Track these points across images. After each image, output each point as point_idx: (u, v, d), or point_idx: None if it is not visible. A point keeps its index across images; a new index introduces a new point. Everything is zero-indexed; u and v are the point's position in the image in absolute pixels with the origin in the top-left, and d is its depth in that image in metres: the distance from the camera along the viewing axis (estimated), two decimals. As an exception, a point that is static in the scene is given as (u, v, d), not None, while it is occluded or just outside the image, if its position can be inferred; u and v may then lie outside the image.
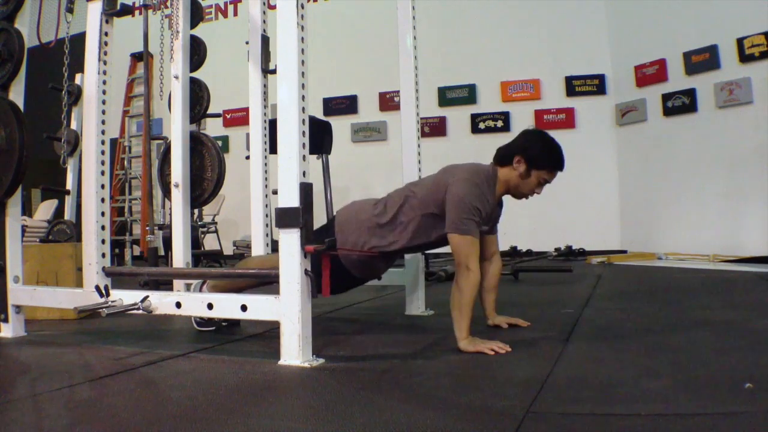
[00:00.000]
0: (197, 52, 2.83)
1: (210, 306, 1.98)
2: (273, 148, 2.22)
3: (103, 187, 2.33)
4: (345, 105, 7.60)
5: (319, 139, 3.96)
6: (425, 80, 3.27)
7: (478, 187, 2.09)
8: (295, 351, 1.80)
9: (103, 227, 2.31)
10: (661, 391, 1.44)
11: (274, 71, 2.48)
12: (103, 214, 2.32)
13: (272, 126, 2.17)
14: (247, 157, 2.93)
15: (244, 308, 1.90)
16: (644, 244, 6.25)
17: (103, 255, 2.29)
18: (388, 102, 7.32)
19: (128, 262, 6.97)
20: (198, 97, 2.82)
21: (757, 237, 5.14)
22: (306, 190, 1.83)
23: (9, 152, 2.31)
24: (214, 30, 7.74)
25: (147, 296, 2.08)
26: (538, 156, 2.14)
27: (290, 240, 1.82)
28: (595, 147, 6.64)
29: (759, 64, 5.30)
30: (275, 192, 2.11)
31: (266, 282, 2.14)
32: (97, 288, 2.16)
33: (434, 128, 7.18)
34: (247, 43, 2.78)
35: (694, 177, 5.78)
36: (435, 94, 7.20)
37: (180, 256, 2.53)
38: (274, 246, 2.45)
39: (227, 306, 1.96)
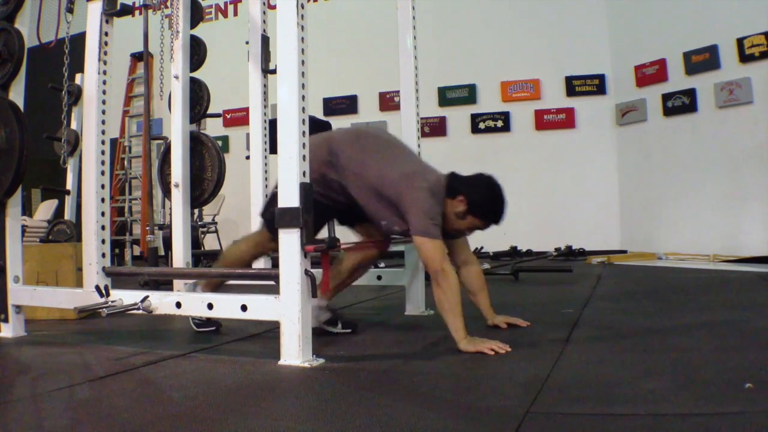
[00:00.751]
0: (197, 52, 2.83)
1: (210, 306, 1.98)
2: (273, 148, 2.22)
3: (103, 187, 2.33)
4: (345, 105, 7.59)
5: (319, 139, 3.96)
6: (425, 80, 3.27)
7: (437, 201, 2.11)
8: (295, 351, 1.80)
9: (103, 227, 2.31)
10: (661, 391, 1.44)
11: (274, 71, 2.48)
12: (103, 214, 2.32)
13: (272, 126, 2.17)
14: (247, 157, 2.93)
15: (244, 308, 1.90)
16: (644, 244, 6.24)
17: (103, 255, 2.29)
18: (388, 102, 7.31)
19: (128, 262, 6.97)
20: (198, 97, 2.82)
21: (757, 237, 5.14)
22: (306, 190, 1.84)
23: (9, 152, 2.31)
24: (214, 30, 7.73)
25: (147, 296, 2.08)
26: (480, 205, 2.15)
27: (290, 240, 1.82)
28: (595, 147, 6.62)
29: (759, 64, 5.29)
30: (275, 192, 2.11)
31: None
32: (97, 288, 2.16)
33: (434, 128, 7.17)
34: (247, 43, 2.78)
35: (694, 177, 5.77)
36: (435, 94, 7.19)
37: (180, 256, 2.53)
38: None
39: (227, 306, 1.96)
